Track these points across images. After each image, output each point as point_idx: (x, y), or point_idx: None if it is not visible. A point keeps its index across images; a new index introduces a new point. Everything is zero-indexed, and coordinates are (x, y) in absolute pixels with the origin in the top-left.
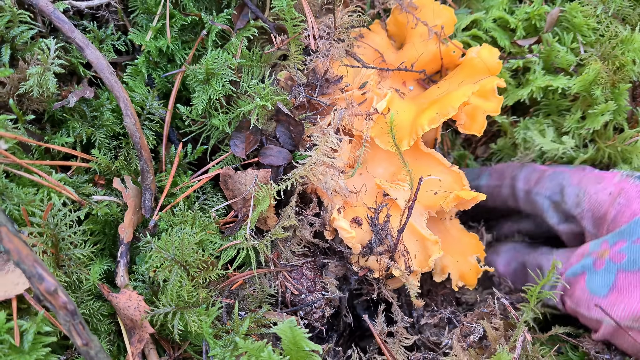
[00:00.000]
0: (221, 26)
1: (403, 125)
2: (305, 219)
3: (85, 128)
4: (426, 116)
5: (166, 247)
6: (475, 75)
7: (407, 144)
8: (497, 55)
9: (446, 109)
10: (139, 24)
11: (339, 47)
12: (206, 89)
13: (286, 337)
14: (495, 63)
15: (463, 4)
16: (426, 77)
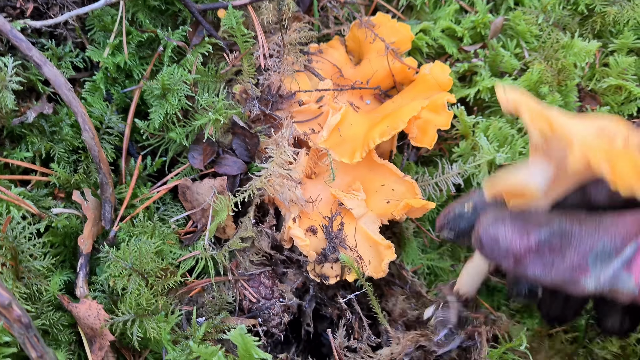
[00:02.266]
0: (177, 42)
1: (356, 138)
2: (263, 230)
3: (44, 143)
4: (378, 129)
5: (124, 257)
6: (427, 90)
7: (359, 156)
8: (448, 72)
9: (396, 123)
10: (96, 41)
11: (290, 65)
12: (163, 103)
13: (238, 344)
14: (446, 79)
15: (413, 16)
16: (382, 92)
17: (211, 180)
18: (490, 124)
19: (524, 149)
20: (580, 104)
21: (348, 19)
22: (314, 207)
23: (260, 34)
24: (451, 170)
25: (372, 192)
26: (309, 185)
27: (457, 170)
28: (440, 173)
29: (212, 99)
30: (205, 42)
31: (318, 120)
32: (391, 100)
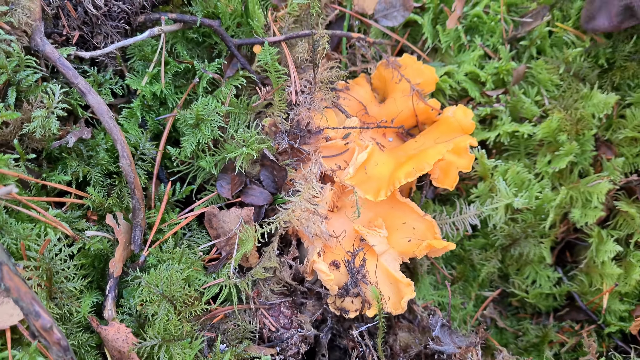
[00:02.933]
0: (212, 74)
1: (382, 177)
2: (286, 261)
3: (82, 167)
4: (404, 170)
5: (155, 282)
6: (450, 132)
7: (384, 195)
8: (471, 116)
9: (422, 165)
10: (135, 70)
11: (320, 102)
12: (195, 133)
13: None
14: (469, 123)
15: (437, 58)
16: (404, 130)
17: (238, 210)
18: (509, 168)
19: (540, 193)
20: (596, 153)
21: (374, 57)
22: (337, 242)
23: (293, 70)
24: (469, 210)
25: (393, 229)
26: (332, 220)
27: (475, 212)
28: (458, 213)
29: (247, 133)
30: (238, 75)
31: (344, 156)
32: (414, 139)
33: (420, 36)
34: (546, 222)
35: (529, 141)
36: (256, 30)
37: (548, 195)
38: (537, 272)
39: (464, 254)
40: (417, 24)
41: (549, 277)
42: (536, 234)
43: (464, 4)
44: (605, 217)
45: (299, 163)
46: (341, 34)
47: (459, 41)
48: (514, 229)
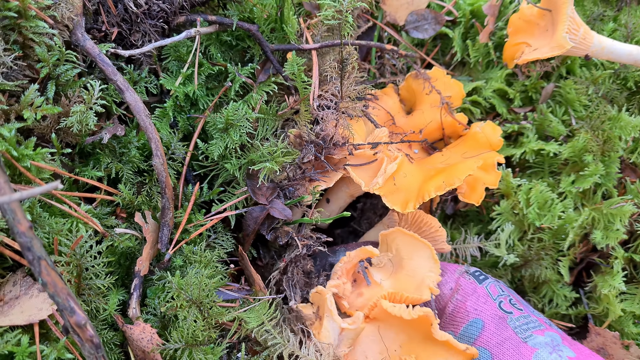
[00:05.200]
0: (245, 79)
1: (411, 189)
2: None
3: (114, 163)
4: (434, 184)
5: (186, 288)
6: (477, 148)
7: (412, 207)
8: (500, 133)
9: (452, 179)
10: (169, 70)
11: (346, 109)
12: (224, 137)
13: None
14: (497, 139)
15: (464, 72)
16: (429, 143)
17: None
18: (533, 187)
19: (563, 213)
20: (620, 175)
21: (402, 70)
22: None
23: (315, 82)
24: (472, 241)
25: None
26: (358, 343)
27: (477, 243)
28: (462, 241)
29: (272, 147)
30: (270, 81)
31: (372, 166)
32: (441, 153)
33: (449, 49)
34: (565, 241)
35: (554, 160)
36: (290, 37)
37: (571, 216)
38: (554, 292)
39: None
40: (447, 37)
41: (565, 297)
42: (550, 256)
43: (495, 19)
44: (625, 240)
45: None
46: (374, 45)
47: (488, 57)
48: (528, 250)
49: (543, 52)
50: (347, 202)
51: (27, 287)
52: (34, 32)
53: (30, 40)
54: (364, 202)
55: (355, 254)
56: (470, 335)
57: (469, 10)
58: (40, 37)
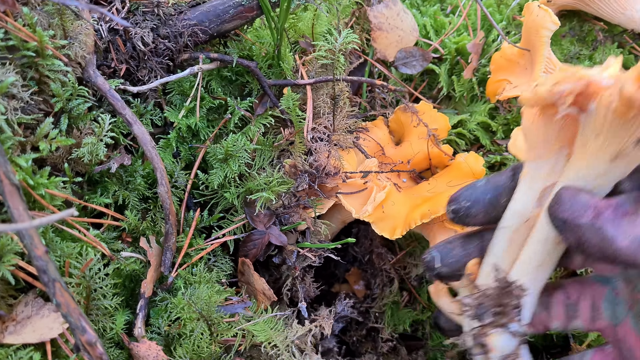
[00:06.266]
0: (244, 112)
1: (398, 216)
2: None
3: (122, 191)
4: (419, 212)
5: (196, 301)
6: (462, 177)
7: (399, 233)
8: (482, 163)
9: (437, 208)
10: (173, 103)
11: (339, 141)
12: (224, 167)
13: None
14: (479, 169)
15: (450, 106)
16: (416, 173)
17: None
18: None
19: None
20: None
21: (391, 103)
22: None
23: (310, 116)
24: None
25: None
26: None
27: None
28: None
29: (269, 177)
30: (267, 114)
31: (362, 194)
32: (427, 182)
33: (436, 84)
34: None
35: None
36: (286, 73)
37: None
38: None
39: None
40: (434, 72)
41: None
42: None
43: (479, 57)
44: None
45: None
46: (365, 81)
47: (472, 92)
48: None
49: (523, 90)
50: (340, 227)
51: (39, 307)
52: (50, 69)
53: (46, 77)
54: (357, 228)
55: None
56: None
57: (454, 48)
58: (56, 74)
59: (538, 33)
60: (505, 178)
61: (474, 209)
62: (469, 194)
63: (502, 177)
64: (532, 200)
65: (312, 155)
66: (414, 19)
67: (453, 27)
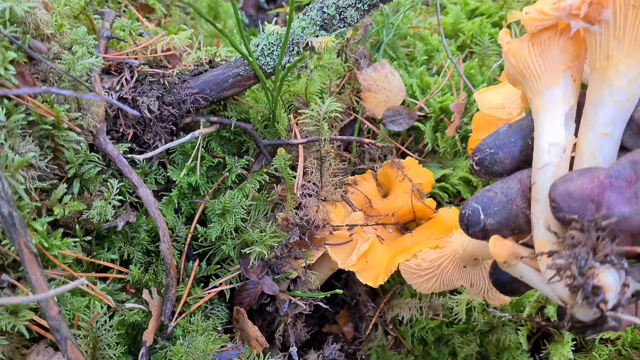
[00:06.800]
0: (240, 170)
1: (380, 265)
2: None
3: (127, 247)
4: (399, 259)
5: (192, 351)
6: (443, 231)
7: (382, 280)
8: None
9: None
10: (175, 162)
11: (328, 195)
12: (221, 221)
13: None
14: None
15: (435, 160)
16: (402, 225)
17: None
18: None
19: None
20: None
21: (380, 157)
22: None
23: (300, 174)
24: (437, 299)
25: None
26: None
27: (442, 301)
28: (428, 299)
29: (261, 233)
30: (262, 171)
31: (348, 245)
32: (411, 234)
33: (422, 140)
34: (523, 313)
35: None
36: (280, 133)
37: (529, 292)
38: (514, 358)
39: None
40: (420, 129)
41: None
42: (510, 326)
43: (461, 116)
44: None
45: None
46: (354, 139)
47: (455, 147)
48: (493, 317)
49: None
50: (329, 274)
51: (49, 356)
52: (64, 139)
53: (61, 146)
54: (347, 273)
55: None
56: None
57: (438, 107)
58: (70, 144)
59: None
60: (528, 120)
61: (500, 153)
62: (491, 140)
63: (524, 120)
64: (560, 127)
65: (302, 210)
66: (401, 80)
67: (438, 87)
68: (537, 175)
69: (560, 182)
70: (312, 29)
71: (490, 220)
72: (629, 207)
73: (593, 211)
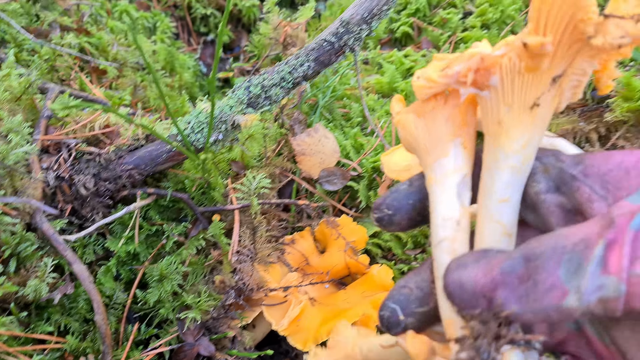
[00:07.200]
0: (177, 237)
1: (310, 329)
2: None
3: (64, 318)
4: (326, 328)
5: None
6: (374, 288)
7: (310, 345)
8: (391, 276)
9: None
10: (114, 232)
11: (263, 258)
12: (159, 287)
13: None
14: (389, 282)
15: (370, 216)
16: (337, 280)
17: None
18: None
19: None
20: None
21: (318, 215)
22: None
23: (235, 240)
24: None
25: None
26: None
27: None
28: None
29: (196, 298)
30: (199, 237)
31: (283, 306)
32: (344, 290)
33: (357, 196)
34: None
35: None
36: (217, 199)
37: None
38: None
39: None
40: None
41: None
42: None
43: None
44: None
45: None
46: (289, 202)
47: None
48: None
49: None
50: (270, 327)
51: None
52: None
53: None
54: None
55: None
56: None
57: (370, 167)
58: (5, 227)
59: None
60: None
61: (397, 216)
62: (390, 201)
63: (424, 179)
64: (453, 200)
65: (238, 274)
66: (335, 142)
67: (371, 147)
68: (435, 251)
69: (455, 267)
70: (239, 107)
71: (411, 319)
72: (519, 305)
73: (485, 306)
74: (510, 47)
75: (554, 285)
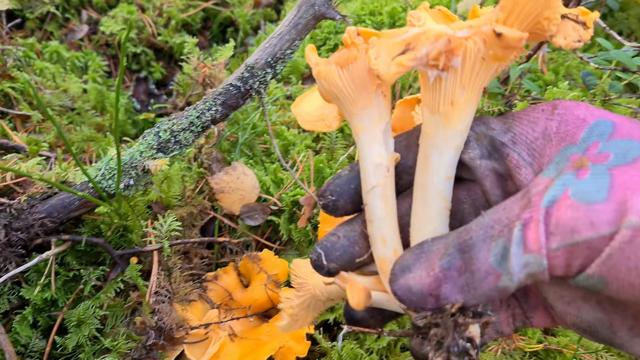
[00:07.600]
0: (95, 281)
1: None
2: None
3: None
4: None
5: None
6: None
7: None
8: None
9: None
10: (30, 280)
11: (183, 296)
12: (77, 332)
13: None
14: None
15: (293, 248)
16: (262, 314)
17: None
18: (344, 345)
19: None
20: None
21: (241, 249)
22: None
23: (153, 281)
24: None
25: None
26: None
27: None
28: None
29: (115, 341)
30: (118, 280)
31: (204, 343)
32: (267, 324)
33: (279, 231)
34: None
35: None
36: (135, 242)
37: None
38: None
39: None
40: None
41: None
42: None
43: (312, 209)
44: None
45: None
46: (209, 240)
47: (308, 236)
48: None
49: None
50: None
51: None
52: None
53: None
54: None
55: None
56: (602, 132)
57: (290, 201)
58: None
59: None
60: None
61: (341, 201)
62: (333, 187)
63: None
64: (381, 147)
65: (157, 315)
66: (255, 178)
67: (290, 182)
68: (367, 198)
69: (399, 271)
70: (150, 152)
71: (333, 264)
72: (462, 295)
73: (433, 303)
74: (476, 31)
75: (488, 272)
